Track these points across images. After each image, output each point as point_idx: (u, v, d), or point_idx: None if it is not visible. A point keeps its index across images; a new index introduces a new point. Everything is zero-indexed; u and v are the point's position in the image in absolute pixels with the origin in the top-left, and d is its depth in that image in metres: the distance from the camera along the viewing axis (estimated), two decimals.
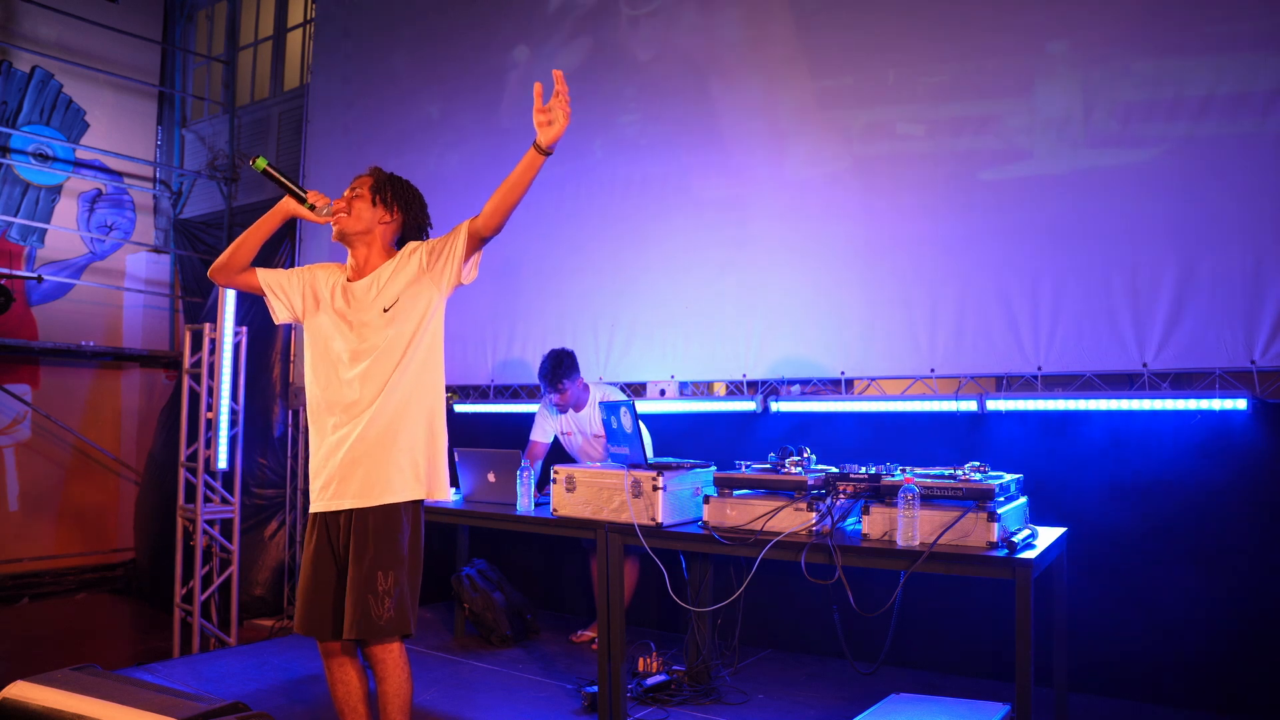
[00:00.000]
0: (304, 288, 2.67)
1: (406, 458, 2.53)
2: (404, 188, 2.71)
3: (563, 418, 4.36)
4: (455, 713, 3.54)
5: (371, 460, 2.49)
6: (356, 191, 2.64)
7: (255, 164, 2.46)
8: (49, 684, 2.30)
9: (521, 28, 5.53)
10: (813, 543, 2.77)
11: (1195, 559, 3.41)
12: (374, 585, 2.40)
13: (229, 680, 3.99)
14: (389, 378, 2.53)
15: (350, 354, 2.55)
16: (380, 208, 2.65)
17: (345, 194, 2.64)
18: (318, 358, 2.61)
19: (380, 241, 2.66)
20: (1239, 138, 3.34)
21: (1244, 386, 3.34)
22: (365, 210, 2.62)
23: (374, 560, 2.43)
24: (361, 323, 2.56)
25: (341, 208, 2.59)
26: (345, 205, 2.60)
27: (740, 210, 4.51)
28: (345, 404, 2.53)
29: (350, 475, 2.49)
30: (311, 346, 2.64)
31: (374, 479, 2.49)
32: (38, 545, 7.48)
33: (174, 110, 8.82)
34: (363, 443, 2.50)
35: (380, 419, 2.51)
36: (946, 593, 3.73)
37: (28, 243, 7.71)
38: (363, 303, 2.58)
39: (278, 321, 2.70)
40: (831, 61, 4.32)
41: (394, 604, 2.42)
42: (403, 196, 2.69)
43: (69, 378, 7.84)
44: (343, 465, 2.50)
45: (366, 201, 2.63)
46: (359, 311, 2.58)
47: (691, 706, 3.50)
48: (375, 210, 2.63)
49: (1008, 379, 3.81)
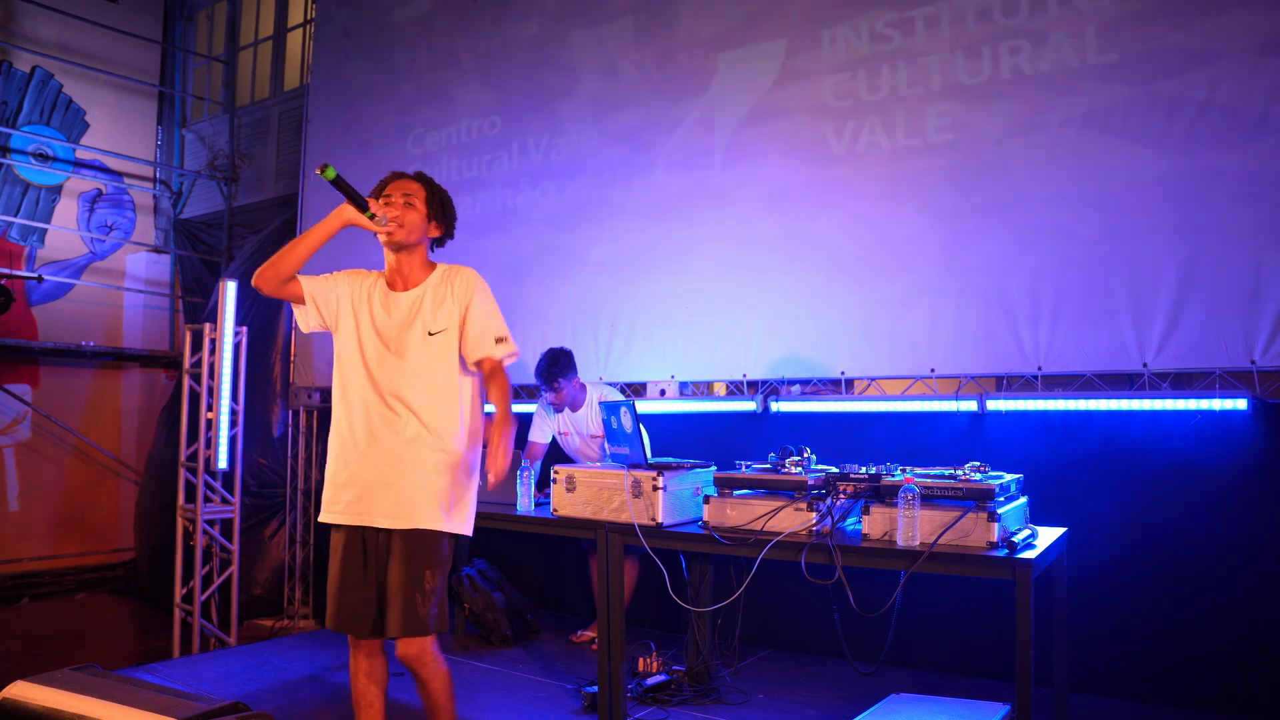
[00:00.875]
0: (340, 296, 2.63)
1: (444, 480, 2.51)
2: (450, 201, 2.73)
3: (559, 417, 4.36)
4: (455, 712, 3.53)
5: (406, 481, 2.48)
6: (410, 201, 2.59)
7: (324, 173, 2.37)
8: (49, 684, 2.30)
9: (518, 28, 5.53)
10: (813, 543, 2.77)
11: (1195, 559, 3.41)
12: (422, 585, 2.44)
13: (229, 680, 3.98)
14: (432, 397, 2.52)
15: (391, 367, 2.52)
16: (433, 222, 2.65)
17: (396, 199, 2.57)
18: (351, 368, 2.56)
19: (422, 252, 2.66)
20: (1239, 138, 3.33)
21: (1244, 386, 3.34)
22: (420, 222, 2.60)
23: (423, 560, 2.46)
24: (402, 339, 2.54)
25: (396, 217, 2.53)
26: (400, 215, 2.54)
27: (740, 210, 4.51)
28: (382, 416, 2.50)
29: (384, 493, 2.48)
30: (346, 356, 2.59)
31: (406, 501, 2.48)
32: (38, 545, 7.48)
33: (174, 110, 8.82)
34: (400, 460, 2.48)
35: (420, 437, 2.49)
36: (946, 593, 3.73)
37: (28, 243, 7.71)
38: (406, 317, 2.56)
39: (305, 330, 2.64)
40: (832, 61, 4.32)
41: (437, 602, 2.48)
42: (449, 211, 2.71)
43: (69, 378, 7.84)
44: (377, 481, 2.48)
45: (422, 215, 2.61)
46: (400, 326, 2.55)
47: (691, 706, 3.50)
48: (428, 225, 2.63)
49: (1008, 379, 3.81)
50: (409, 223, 2.56)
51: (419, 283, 2.61)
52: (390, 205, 2.54)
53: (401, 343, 2.53)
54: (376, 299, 2.61)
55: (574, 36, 5.28)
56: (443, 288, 2.60)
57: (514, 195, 5.41)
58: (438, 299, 2.58)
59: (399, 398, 2.50)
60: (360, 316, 2.59)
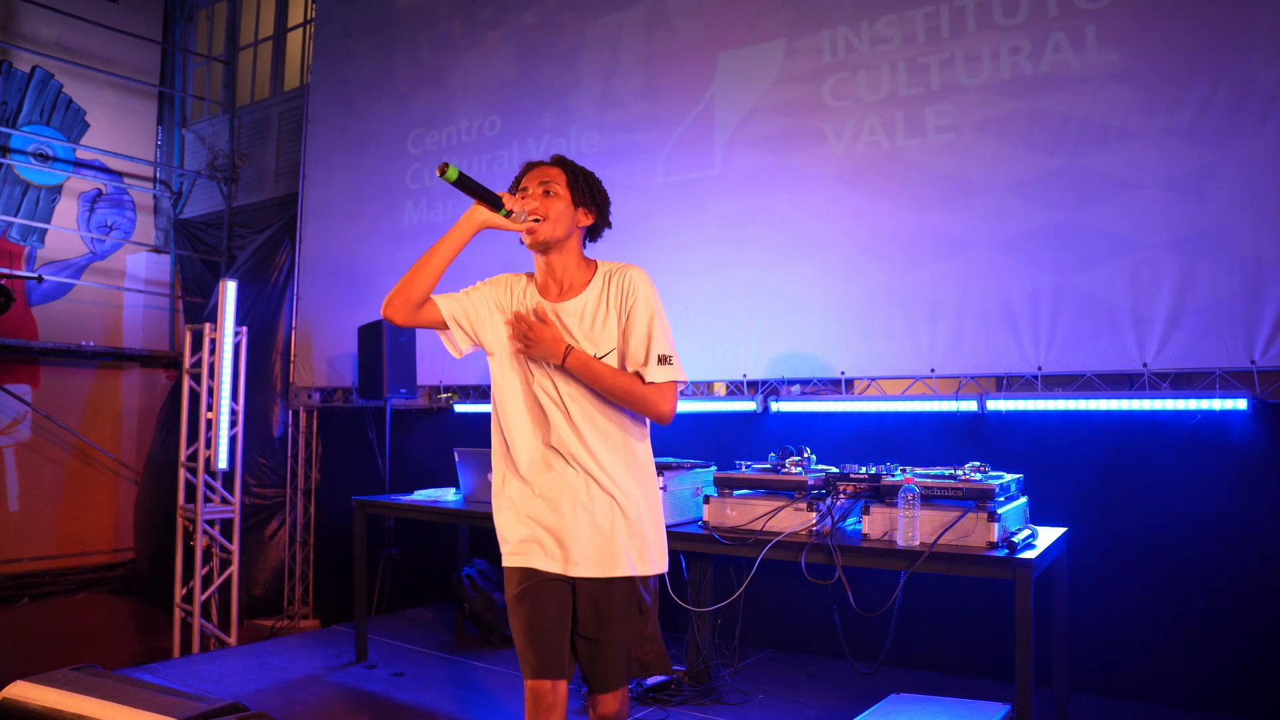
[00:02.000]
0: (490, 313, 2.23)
1: (637, 527, 2.13)
2: (597, 181, 2.25)
3: None
4: (455, 713, 3.54)
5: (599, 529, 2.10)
6: (550, 189, 2.16)
7: (445, 175, 1.98)
8: (49, 684, 2.29)
9: (518, 25, 5.53)
10: (813, 543, 2.77)
11: (1195, 559, 3.41)
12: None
13: (229, 680, 3.98)
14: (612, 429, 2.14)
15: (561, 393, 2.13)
16: (581, 209, 2.19)
17: (533, 189, 2.16)
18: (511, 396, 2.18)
19: (577, 246, 2.22)
20: (1239, 138, 3.33)
21: (1244, 386, 3.34)
22: (565, 213, 2.16)
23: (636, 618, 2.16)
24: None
25: (536, 209, 2.12)
26: (540, 209, 2.13)
27: (740, 210, 4.51)
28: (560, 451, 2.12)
29: (579, 540, 2.10)
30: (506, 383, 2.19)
31: (606, 550, 2.10)
32: (38, 545, 7.48)
33: (174, 110, 8.81)
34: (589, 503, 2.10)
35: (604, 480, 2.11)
36: (946, 593, 3.73)
37: (28, 243, 7.71)
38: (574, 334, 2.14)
39: (459, 355, 2.24)
40: (832, 61, 4.32)
41: (656, 646, 2.21)
42: (599, 193, 2.24)
43: (69, 378, 7.84)
44: (567, 526, 2.10)
45: (566, 202, 2.16)
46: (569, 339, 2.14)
47: (691, 706, 3.50)
48: (576, 213, 2.18)
49: (1008, 379, 3.81)
50: (553, 214, 2.14)
51: (580, 289, 2.18)
52: (527, 198, 2.14)
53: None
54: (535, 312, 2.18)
55: (573, 36, 5.28)
56: (604, 295, 2.17)
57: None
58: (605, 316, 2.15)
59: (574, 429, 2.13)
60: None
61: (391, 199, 6.04)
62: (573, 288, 2.20)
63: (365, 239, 6.18)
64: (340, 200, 6.40)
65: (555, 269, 2.21)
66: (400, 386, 5.29)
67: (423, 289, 2.12)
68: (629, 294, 2.15)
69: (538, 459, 2.14)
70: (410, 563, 5.59)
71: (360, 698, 3.75)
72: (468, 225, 2.12)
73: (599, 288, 2.18)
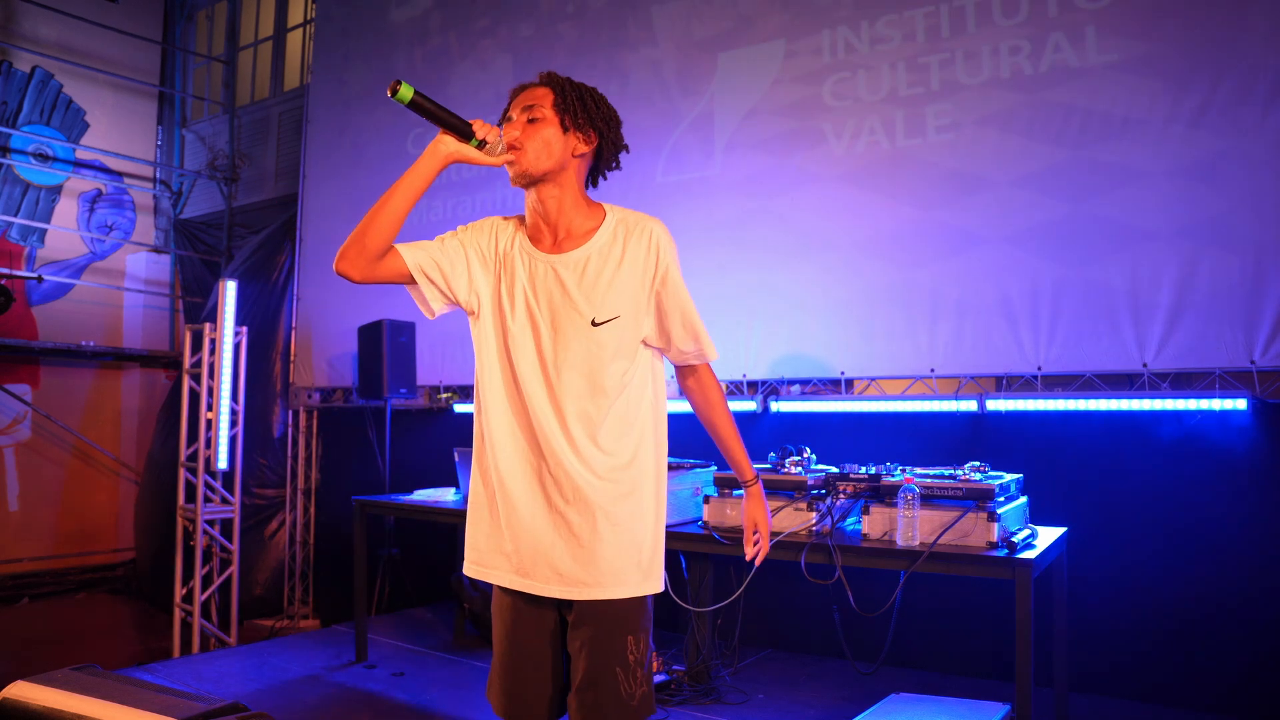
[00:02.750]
0: (472, 263, 1.81)
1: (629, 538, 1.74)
2: (597, 100, 1.82)
3: None
4: (455, 713, 3.54)
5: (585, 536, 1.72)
6: (535, 113, 1.76)
7: (397, 94, 1.65)
8: (49, 684, 2.29)
9: (518, 25, 5.53)
10: (813, 543, 2.77)
11: (1195, 559, 3.41)
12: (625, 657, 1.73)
13: (229, 680, 3.98)
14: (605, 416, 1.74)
15: (549, 366, 1.74)
16: (573, 133, 1.77)
17: (516, 117, 1.78)
18: (492, 365, 1.79)
19: (575, 182, 1.80)
20: (1239, 137, 3.33)
21: (1244, 386, 3.34)
22: (555, 138, 1.75)
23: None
24: (566, 323, 1.74)
25: (516, 139, 1.73)
26: (520, 138, 1.74)
27: (740, 210, 4.51)
28: (540, 441, 1.74)
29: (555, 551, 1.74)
30: (487, 349, 1.81)
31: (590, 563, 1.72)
32: (38, 545, 7.48)
33: (174, 110, 8.81)
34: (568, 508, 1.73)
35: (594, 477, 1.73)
36: (946, 593, 3.73)
37: (28, 243, 7.71)
38: (570, 289, 1.74)
39: (432, 315, 1.83)
40: (832, 61, 4.32)
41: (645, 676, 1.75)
42: (600, 112, 1.81)
43: (69, 378, 7.84)
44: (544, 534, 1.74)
45: (554, 126, 1.75)
46: (564, 300, 1.74)
47: (691, 706, 3.50)
48: (567, 138, 1.76)
49: (1008, 379, 3.81)
50: (536, 142, 1.73)
51: (582, 239, 1.78)
52: (509, 127, 1.76)
53: (565, 325, 1.74)
54: (527, 264, 1.79)
55: (572, 36, 5.28)
56: (616, 250, 1.76)
57: (514, 195, 5.41)
58: (612, 269, 1.75)
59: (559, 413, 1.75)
60: (505, 286, 1.79)
61: None
62: (571, 236, 1.78)
63: None
64: (340, 200, 6.40)
65: (549, 211, 1.78)
66: (400, 386, 5.29)
67: (381, 237, 1.71)
68: (658, 255, 1.76)
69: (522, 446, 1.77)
70: (410, 563, 5.59)
71: (360, 698, 3.75)
72: (432, 159, 1.73)
73: (607, 238, 1.77)
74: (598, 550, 1.72)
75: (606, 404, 1.74)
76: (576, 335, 1.72)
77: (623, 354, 1.75)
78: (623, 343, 1.74)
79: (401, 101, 1.66)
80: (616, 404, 1.75)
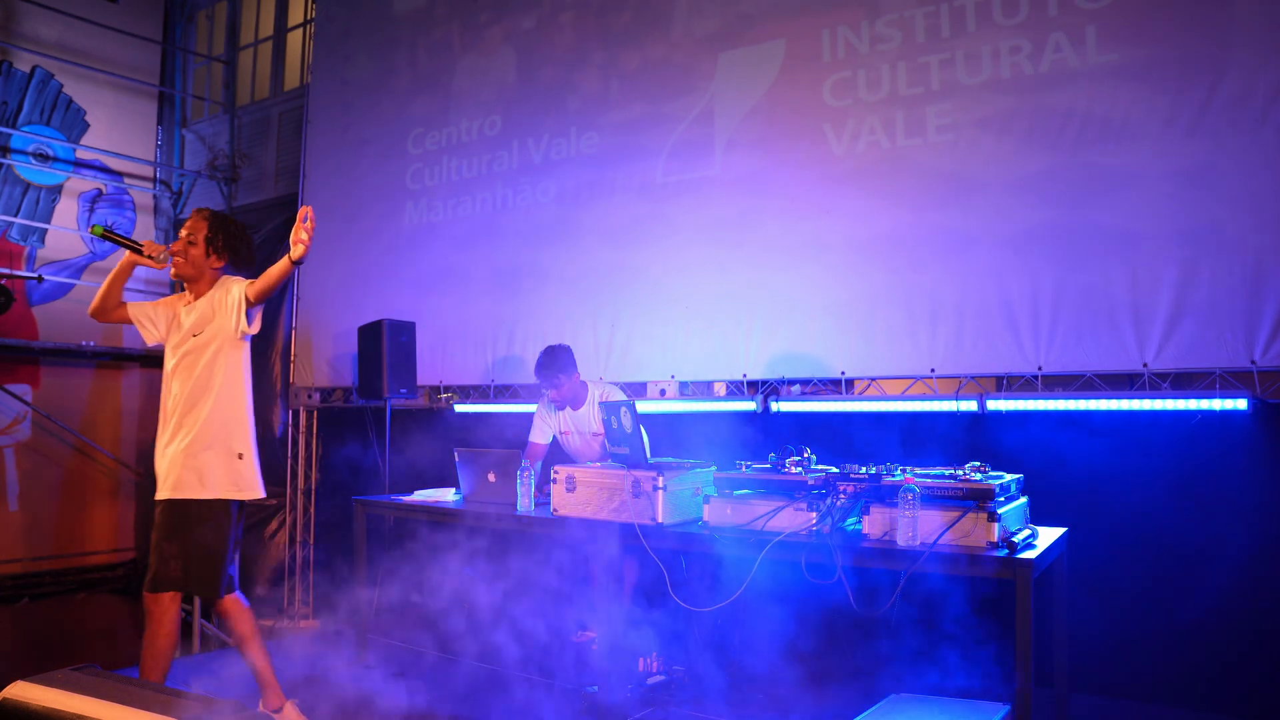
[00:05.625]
0: (162, 315, 3.36)
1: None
2: (235, 234, 3.32)
3: (560, 416, 4.36)
4: (455, 713, 3.54)
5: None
6: (191, 238, 3.26)
7: (94, 231, 3.12)
8: (49, 684, 2.29)
9: (517, 26, 5.53)
10: (813, 543, 2.77)
11: (1195, 559, 3.41)
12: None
13: (229, 680, 3.99)
14: (195, 392, 3.23)
15: (171, 370, 3.25)
16: (213, 255, 3.30)
17: (182, 233, 3.27)
18: (164, 374, 3.32)
19: (209, 278, 3.32)
20: (1239, 137, 3.33)
21: (1244, 386, 3.34)
22: (199, 257, 3.28)
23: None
24: (181, 345, 3.25)
25: (178, 250, 3.24)
26: (182, 250, 3.25)
27: (740, 210, 4.51)
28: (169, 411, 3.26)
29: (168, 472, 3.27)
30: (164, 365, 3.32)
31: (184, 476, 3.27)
32: (38, 545, 7.47)
33: (174, 110, 8.81)
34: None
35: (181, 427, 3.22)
36: (947, 593, 3.72)
37: (28, 243, 7.70)
38: (184, 329, 3.27)
39: (149, 343, 3.37)
40: (832, 61, 4.32)
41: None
42: (232, 243, 3.31)
43: (69, 378, 7.84)
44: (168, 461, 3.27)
45: (200, 250, 3.27)
46: (182, 334, 3.27)
47: (691, 706, 3.50)
48: (209, 258, 3.29)
49: (1008, 379, 3.81)
50: (189, 258, 3.30)
51: (200, 297, 3.38)
52: (175, 244, 3.29)
53: (179, 346, 3.40)
54: (177, 317, 3.41)
55: (573, 36, 5.28)
56: (212, 296, 3.34)
57: (514, 195, 5.41)
58: (205, 307, 3.34)
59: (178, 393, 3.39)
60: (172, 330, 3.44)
61: (392, 199, 6.04)
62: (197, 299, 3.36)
63: (366, 239, 6.18)
64: (340, 200, 6.40)
65: (190, 290, 3.36)
66: (400, 386, 5.29)
67: (112, 303, 3.30)
68: (223, 289, 3.32)
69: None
70: (410, 563, 5.58)
71: (360, 698, 3.75)
72: (124, 265, 3.30)
73: (206, 298, 3.33)
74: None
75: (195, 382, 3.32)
76: (184, 344, 3.37)
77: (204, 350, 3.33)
78: (204, 344, 3.32)
79: (96, 235, 3.13)
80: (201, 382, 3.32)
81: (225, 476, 3.24)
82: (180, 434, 3.22)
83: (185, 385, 3.23)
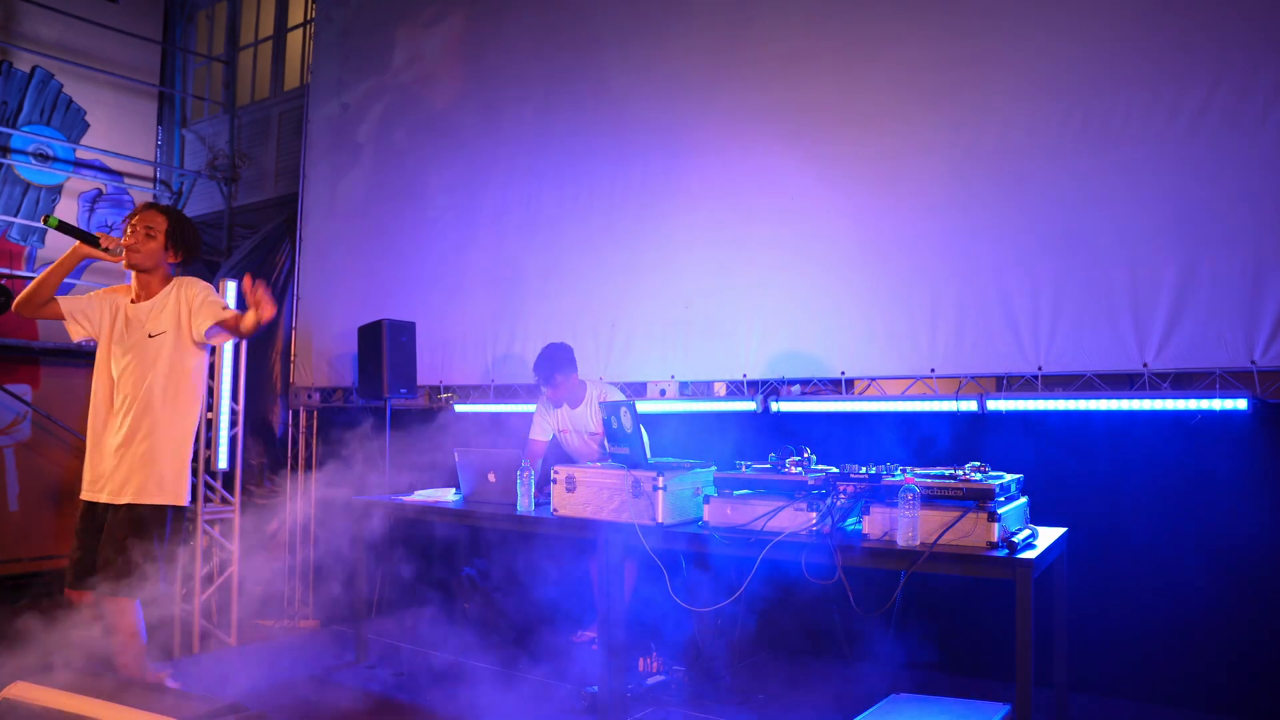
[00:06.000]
0: (102, 309, 3.21)
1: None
2: (191, 234, 3.27)
3: (559, 414, 4.36)
4: (455, 713, 3.54)
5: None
6: (150, 231, 3.15)
7: (48, 222, 2.97)
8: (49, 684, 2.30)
9: (517, 26, 5.53)
10: (813, 543, 2.77)
11: (1195, 559, 3.41)
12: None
13: (229, 680, 3.99)
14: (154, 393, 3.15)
15: (121, 369, 3.16)
16: (170, 251, 3.22)
17: (137, 225, 3.14)
18: (101, 370, 3.21)
19: (162, 274, 3.24)
20: (1239, 137, 3.33)
21: (1244, 386, 3.33)
22: (157, 251, 3.18)
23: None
24: (133, 343, 3.16)
25: (132, 244, 3.11)
26: (137, 242, 3.12)
27: (740, 210, 4.51)
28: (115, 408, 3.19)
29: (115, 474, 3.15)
30: (99, 361, 3.22)
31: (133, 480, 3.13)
32: (38, 545, 7.47)
33: (174, 110, 8.81)
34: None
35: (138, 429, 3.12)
36: (946, 593, 3.72)
37: (28, 243, 7.71)
38: (135, 326, 3.17)
39: (74, 339, 3.24)
40: (833, 62, 4.32)
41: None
42: (189, 241, 3.25)
43: (69, 378, 7.83)
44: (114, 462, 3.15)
45: (159, 244, 3.18)
46: (134, 333, 3.17)
47: (691, 706, 3.50)
48: (166, 252, 3.21)
49: (1008, 379, 3.81)
50: (145, 250, 3.15)
51: (153, 296, 3.27)
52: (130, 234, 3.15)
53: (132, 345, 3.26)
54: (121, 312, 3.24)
55: (573, 36, 5.27)
56: (168, 295, 3.24)
57: (513, 194, 5.40)
58: (162, 307, 3.22)
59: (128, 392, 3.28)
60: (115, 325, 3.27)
61: (391, 199, 6.04)
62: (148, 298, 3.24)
63: (365, 239, 6.18)
64: (340, 200, 6.40)
65: (140, 283, 3.24)
66: (400, 386, 5.29)
67: (45, 296, 3.11)
68: (181, 290, 3.23)
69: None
70: (410, 563, 5.58)
71: (360, 698, 3.75)
72: (73, 256, 3.09)
73: (161, 297, 3.23)
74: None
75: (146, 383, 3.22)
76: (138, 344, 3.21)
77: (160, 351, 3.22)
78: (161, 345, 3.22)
79: (51, 227, 2.99)
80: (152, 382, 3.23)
81: (178, 483, 3.23)
82: (138, 435, 3.14)
83: (140, 385, 3.15)
